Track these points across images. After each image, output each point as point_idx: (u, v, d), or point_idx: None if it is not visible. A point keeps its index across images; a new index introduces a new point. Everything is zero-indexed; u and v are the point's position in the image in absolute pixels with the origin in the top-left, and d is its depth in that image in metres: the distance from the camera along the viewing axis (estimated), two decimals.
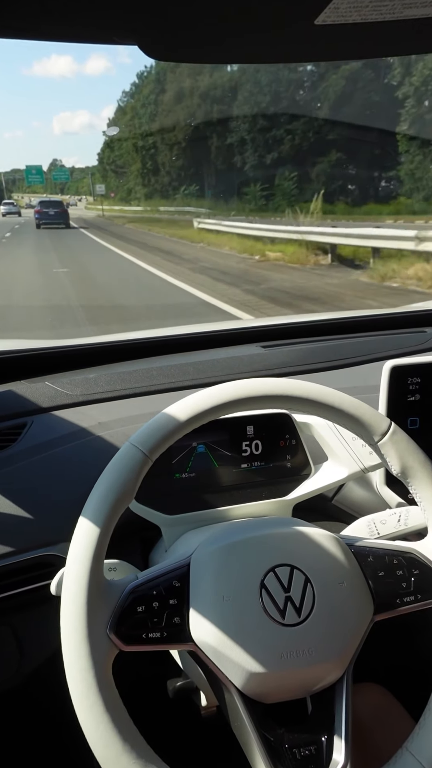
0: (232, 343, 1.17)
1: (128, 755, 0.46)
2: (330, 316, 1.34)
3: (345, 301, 6.91)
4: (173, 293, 7.99)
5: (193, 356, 1.08)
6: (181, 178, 38.77)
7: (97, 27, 0.40)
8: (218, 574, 0.53)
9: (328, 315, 1.35)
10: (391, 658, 0.99)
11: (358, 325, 1.29)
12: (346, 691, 0.54)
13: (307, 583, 0.54)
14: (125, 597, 0.51)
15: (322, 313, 1.36)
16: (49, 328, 5.65)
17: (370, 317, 1.32)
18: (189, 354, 1.11)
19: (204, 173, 36.74)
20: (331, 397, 0.57)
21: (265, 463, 0.76)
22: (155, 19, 0.38)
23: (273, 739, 0.51)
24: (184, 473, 0.74)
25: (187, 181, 38.28)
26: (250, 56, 0.51)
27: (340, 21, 0.39)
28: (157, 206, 36.53)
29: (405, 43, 0.46)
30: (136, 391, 0.92)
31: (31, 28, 0.39)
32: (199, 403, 0.54)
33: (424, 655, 1.03)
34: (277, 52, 0.47)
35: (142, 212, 35.01)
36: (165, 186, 41.12)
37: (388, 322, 1.31)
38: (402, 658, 1.06)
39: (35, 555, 0.71)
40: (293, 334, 1.22)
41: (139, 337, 1.16)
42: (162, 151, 40.81)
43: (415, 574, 0.57)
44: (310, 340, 1.18)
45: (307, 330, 1.26)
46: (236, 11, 0.38)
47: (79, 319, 6.10)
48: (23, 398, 0.88)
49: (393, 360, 0.76)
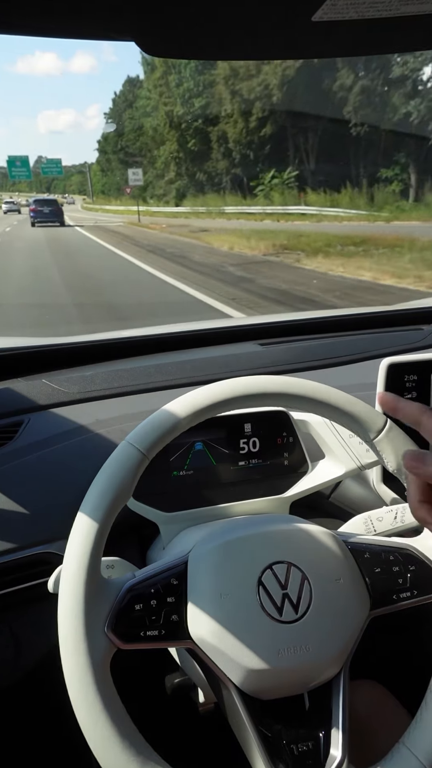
0: (229, 340, 1.17)
1: (126, 753, 0.47)
2: (327, 313, 1.34)
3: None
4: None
5: (191, 354, 1.08)
6: (260, 163, 25.68)
7: (93, 23, 0.40)
8: (216, 572, 0.53)
9: (325, 312, 1.35)
10: (388, 654, 0.99)
11: (355, 322, 1.29)
12: (344, 687, 0.54)
13: (305, 580, 0.54)
14: (123, 595, 0.51)
15: (319, 310, 1.36)
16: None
17: (367, 315, 1.32)
18: (186, 351, 1.11)
19: (303, 153, 25.64)
20: (327, 395, 0.57)
21: (262, 461, 0.76)
22: (152, 15, 0.38)
23: (271, 735, 0.52)
24: (181, 471, 0.74)
25: (276, 165, 25.33)
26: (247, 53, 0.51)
27: (338, 17, 0.39)
28: (215, 205, 24.67)
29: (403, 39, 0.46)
30: (134, 389, 0.92)
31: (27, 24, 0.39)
32: (196, 400, 0.54)
33: (421, 651, 1.03)
34: (275, 48, 0.47)
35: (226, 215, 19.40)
36: (220, 176, 27.26)
37: (384, 320, 1.31)
38: (399, 654, 1.06)
39: (33, 553, 0.71)
40: (290, 332, 1.22)
41: (136, 335, 1.16)
42: (229, 123, 27.56)
43: (411, 570, 0.57)
44: (307, 337, 1.18)
45: (305, 328, 1.27)
46: (233, 7, 0.38)
47: None
48: (20, 396, 0.88)
49: (390, 357, 0.76)
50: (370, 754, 0.55)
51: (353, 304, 6.64)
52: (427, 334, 1.16)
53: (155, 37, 0.42)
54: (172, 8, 0.37)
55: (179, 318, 4.39)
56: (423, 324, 1.25)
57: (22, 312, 6.49)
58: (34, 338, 1.14)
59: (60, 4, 0.36)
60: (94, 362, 1.06)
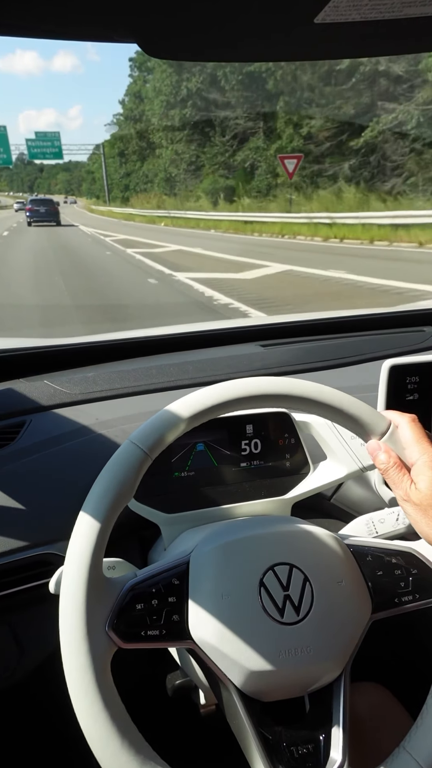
0: (231, 341, 1.17)
1: (127, 753, 0.47)
2: (329, 315, 1.34)
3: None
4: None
5: (193, 355, 1.08)
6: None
7: (97, 25, 0.40)
8: (217, 573, 0.53)
9: (327, 314, 1.35)
10: (391, 657, 0.99)
11: (357, 324, 1.29)
12: (344, 689, 0.54)
13: (306, 582, 0.54)
14: (124, 594, 0.51)
15: (322, 312, 1.36)
16: None
17: (369, 316, 1.32)
18: (188, 353, 1.11)
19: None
20: (329, 396, 0.57)
21: (264, 462, 0.76)
22: (155, 17, 0.38)
23: (271, 737, 0.52)
24: (183, 472, 0.74)
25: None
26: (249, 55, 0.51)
27: (340, 20, 0.39)
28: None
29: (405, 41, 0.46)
30: (135, 390, 0.92)
31: (30, 26, 0.39)
32: (198, 401, 0.54)
33: (424, 654, 1.03)
34: (278, 50, 0.47)
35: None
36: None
37: (387, 321, 1.31)
38: (401, 658, 1.06)
39: (34, 553, 0.71)
40: (292, 333, 1.22)
41: (138, 336, 1.16)
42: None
43: (413, 574, 0.57)
44: (309, 339, 1.18)
45: (307, 329, 1.26)
46: (236, 10, 0.38)
47: None
48: (22, 396, 0.88)
49: (392, 359, 0.76)
50: (371, 757, 0.54)
51: None
52: (430, 335, 1.16)
53: (157, 39, 0.43)
54: (174, 10, 0.38)
55: None
56: (425, 325, 1.24)
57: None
58: (36, 339, 1.14)
59: (62, 6, 0.36)
60: (96, 363, 1.06)
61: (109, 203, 38.89)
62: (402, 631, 0.97)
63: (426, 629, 0.99)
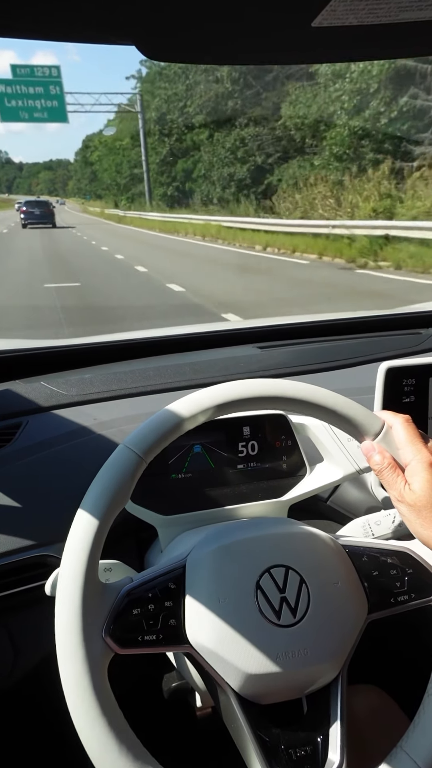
0: (228, 343, 1.17)
1: (124, 758, 0.46)
2: (326, 317, 1.34)
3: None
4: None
5: (189, 357, 1.08)
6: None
7: (94, 27, 0.40)
8: (214, 576, 0.53)
9: (324, 316, 1.35)
10: (388, 658, 0.99)
11: (354, 326, 1.29)
12: (341, 691, 0.54)
13: (302, 584, 0.54)
14: (120, 599, 0.51)
15: (318, 314, 1.37)
16: None
17: (366, 318, 1.32)
18: (185, 354, 1.11)
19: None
20: (324, 398, 0.57)
21: (261, 464, 0.76)
22: (153, 20, 0.39)
23: (269, 739, 0.51)
24: (180, 474, 0.74)
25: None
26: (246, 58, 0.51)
27: (337, 23, 0.39)
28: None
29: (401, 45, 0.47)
30: (132, 392, 0.92)
31: (28, 28, 0.39)
32: (194, 404, 0.54)
33: (420, 654, 1.03)
34: (275, 53, 0.48)
35: None
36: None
37: (383, 324, 1.31)
38: (398, 658, 1.06)
39: (30, 555, 0.71)
40: (289, 335, 1.22)
41: (135, 338, 1.16)
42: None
43: (408, 573, 0.57)
44: (305, 341, 1.18)
45: (303, 331, 1.27)
46: (233, 13, 0.38)
47: None
48: (19, 398, 0.88)
49: (388, 361, 0.76)
50: (369, 758, 0.54)
51: None
52: (426, 338, 1.17)
53: (155, 42, 0.43)
54: (173, 12, 0.38)
55: None
56: (421, 328, 1.25)
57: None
58: (34, 340, 1.14)
59: (61, 8, 0.37)
60: (93, 364, 1.06)
61: (150, 205, 29.41)
62: (398, 631, 0.97)
63: (422, 628, 0.99)
